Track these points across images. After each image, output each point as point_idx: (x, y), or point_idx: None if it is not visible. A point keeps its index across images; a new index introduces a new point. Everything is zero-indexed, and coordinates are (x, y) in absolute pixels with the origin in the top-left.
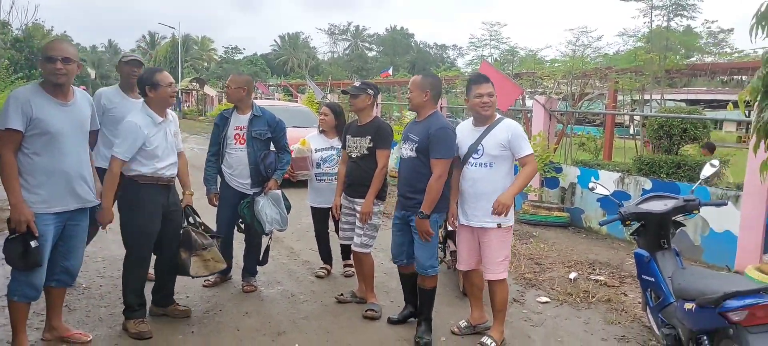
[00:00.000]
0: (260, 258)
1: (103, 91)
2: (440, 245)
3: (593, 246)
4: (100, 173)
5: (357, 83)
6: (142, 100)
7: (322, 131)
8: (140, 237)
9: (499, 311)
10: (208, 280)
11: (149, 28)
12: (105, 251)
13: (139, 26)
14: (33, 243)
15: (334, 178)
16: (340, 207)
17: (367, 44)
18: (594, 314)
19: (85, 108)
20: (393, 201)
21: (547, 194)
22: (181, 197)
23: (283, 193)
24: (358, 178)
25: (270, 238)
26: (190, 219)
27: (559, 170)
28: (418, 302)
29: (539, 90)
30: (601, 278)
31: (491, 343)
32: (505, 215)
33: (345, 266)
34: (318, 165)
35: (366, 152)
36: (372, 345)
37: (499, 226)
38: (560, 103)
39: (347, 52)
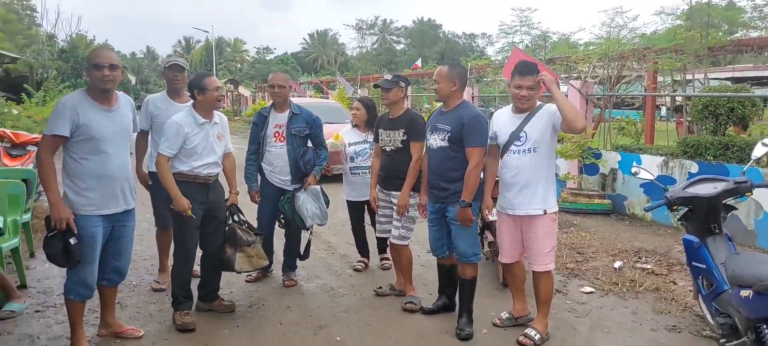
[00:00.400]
0: (301, 253)
1: (151, 98)
2: (479, 235)
3: (638, 233)
4: (152, 176)
5: (388, 77)
6: (189, 104)
7: (354, 126)
8: (182, 232)
9: (544, 303)
10: (250, 275)
11: (184, 33)
12: (152, 249)
13: (175, 32)
14: (72, 240)
15: (367, 171)
16: (377, 200)
17: (394, 37)
18: (642, 304)
19: (128, 112)
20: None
21: (587, 181)
22: (226, 196)
23: (321, 188)
24: (393, 171)
25: (311, 233)
26: (235, 217)
27: (598, 156)
28: (458, 293)
29: (574, 75)
30: (648, 267)
31: (536, 335)
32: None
33: (381, 259)
34: (352, 159)
35: (400, 145)
36: (412, 337)
37: (545, 212)
38: (596, 87)
39: (375, 46)
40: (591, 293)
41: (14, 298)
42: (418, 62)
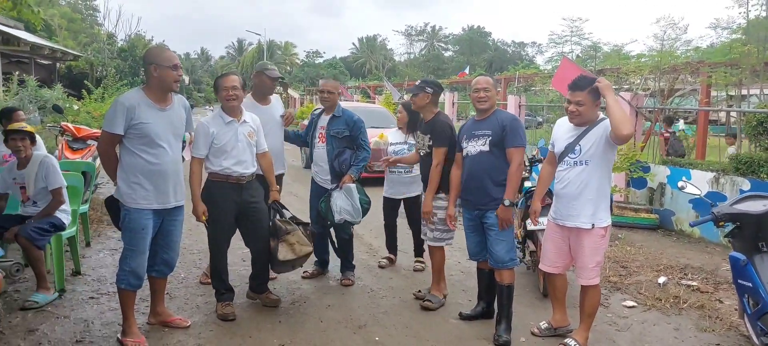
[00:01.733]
0: (335, 245)
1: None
2: (519, 245)
3: (685, 250)
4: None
5: (418, 82)
6: (272, 105)
7: (399, 128)
8: (213, 229)
9: (588, 316)
10: (306, 271)
11: (238, 35)
12: (200, 244)
13: (229, 34)
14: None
15: (403, 171)
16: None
17: (443, 44)
18: (685, 321)
19: (181, 112)
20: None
21: (634, 194)
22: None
23: (360, 187)
24: (425, 174)
25: (350, 234)
26: (277, 214)
27: (646, 170)
28: (497, 299)
29: (625, 87)
30: (694, 284)
31: (575, 345)
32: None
33: (416, 261)
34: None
35: (428, 149)
36: (450, 341)
37: (594, 226)
38: (647, 99)
39: (423, 52)
40: (633, 307)
41: (43, 289)
42: (467, 70)
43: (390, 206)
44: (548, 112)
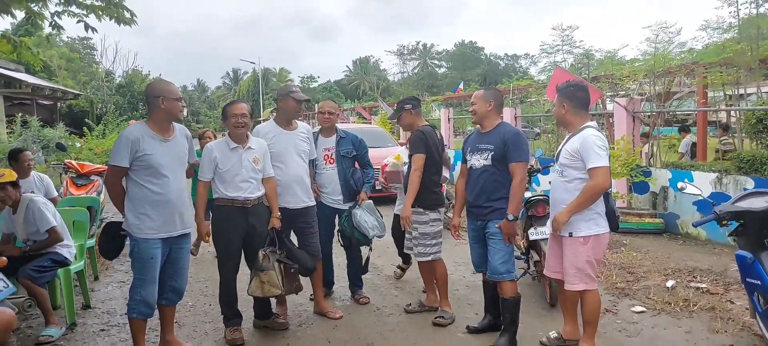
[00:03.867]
0: (362, 267)
1: (260, 127)
2: (523, 256)
3: (692, 253)
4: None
5: (395, 107)
6: (298, 130)
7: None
8: (221, 253)
9: (588, 323)
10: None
11: (233, 65)
12: (206, 272)
13: (225, 64)
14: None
15: None
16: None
17: (436, 61)
18: (696, 323)
19: (183, 142)
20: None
21: (637, 199)
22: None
23: (370, 203)
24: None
25: (370, 249)
26: (271, 243)
27: (647, 174)
28: (501, 313)
29: (621, 93)
30: (703, 286)
31: None
32: (558, 232)
33: (397, 266)
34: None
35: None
36: None
37: (570, 234)
38: (644, 103)
39: (416, 70)
40: (642, 312)
41: (52, 323)
42: (461, 85)
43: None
44: (545, 123)
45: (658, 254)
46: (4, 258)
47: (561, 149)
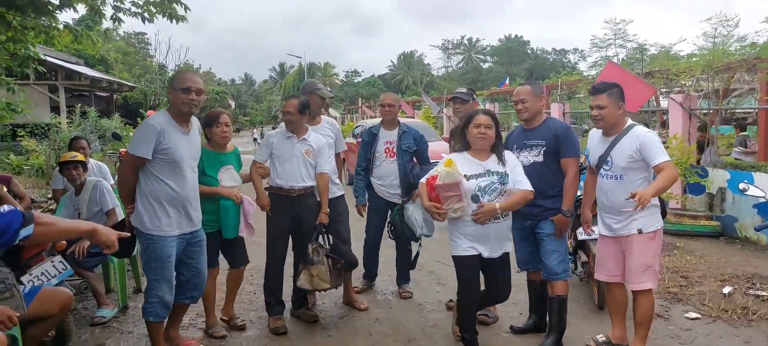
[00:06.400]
0: (411, 262)
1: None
2: (571, 256)
3: (751, 258)
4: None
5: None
6: (321, 125)
7: (457, 149)
8: (269, 238)
9: (641, 324)
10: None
11: (279, 59)
12: (251, 261)
13: (271, 59)
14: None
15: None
16: None
17: (480, 56)
18: (756, 333)
19: (197, 136)
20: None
21: (692, 201)
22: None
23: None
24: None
25: (420, 244)
26: (320, 237)
27: (703, 175)
28: (548, 311)
29: (676, 89)
30: (764, 294)
31: None
32: (642, 208)
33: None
34: (475, 198)
35: None
36: None
37: (640, 231)
38: (702, 101)
39: (461, 65)
40: (697, 319)
41: (104, 304)
42: (507, 80)
43: None
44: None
45: (714, 258)
46: (63, 242)
47: (609, 152)
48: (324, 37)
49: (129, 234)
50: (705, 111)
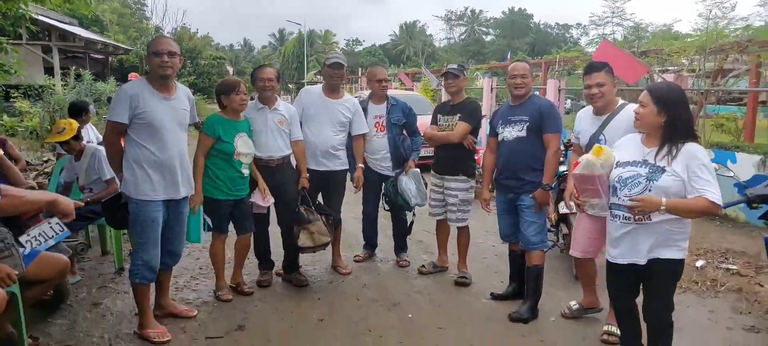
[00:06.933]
0: (406, 229)
1: (303, 90)
2: (553, 229)
3: (728, 234)
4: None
5: (441, 73)
6: (344, 100)
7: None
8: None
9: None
10: (358, 256)
11: (279, 26)
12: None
13: (271, 25)
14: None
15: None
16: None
17: (483, 29)
18: (721, 304)
19: (185, 103)
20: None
21: None
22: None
23: (417, 171)
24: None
25: (414, 213)
26: (304, 201)
27: None
28: (525, 280)
29: (670, 69)
30: (734, 268)
31: (616, 329)
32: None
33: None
34: (615, 189)
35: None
36: (480, 318)
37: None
38: (693, 80)
39: (463, 37)
40: None
41: (73, 273)
42: (509, 55)
43: None
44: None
45: (693, 233)
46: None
47: (601, 131)
48: (325, 4)
49: (82, 204)
50: (700, 91)
